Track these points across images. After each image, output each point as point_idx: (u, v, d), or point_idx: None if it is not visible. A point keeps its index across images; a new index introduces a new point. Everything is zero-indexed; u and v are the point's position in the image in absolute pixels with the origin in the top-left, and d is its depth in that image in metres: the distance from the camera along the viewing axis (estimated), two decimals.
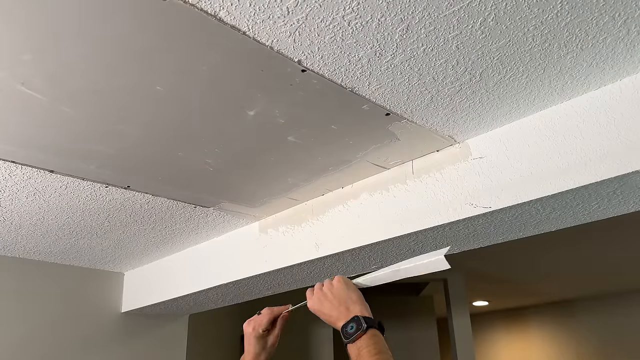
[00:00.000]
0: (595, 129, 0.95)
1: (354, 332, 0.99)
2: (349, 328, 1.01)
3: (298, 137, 1.08)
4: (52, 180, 1.23)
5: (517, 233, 1.21)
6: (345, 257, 1.38)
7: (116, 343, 2.09)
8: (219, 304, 2.03)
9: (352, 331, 1.00)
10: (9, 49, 0.77)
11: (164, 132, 1.04)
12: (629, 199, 1.01)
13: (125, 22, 0.73)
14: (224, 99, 0.93)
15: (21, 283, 1.88)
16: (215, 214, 1.52)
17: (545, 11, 0.74)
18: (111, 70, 0.83)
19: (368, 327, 0.99)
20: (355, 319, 1.02)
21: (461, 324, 3.88)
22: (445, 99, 0.97)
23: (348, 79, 0.89)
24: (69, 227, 1.56)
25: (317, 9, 0.72)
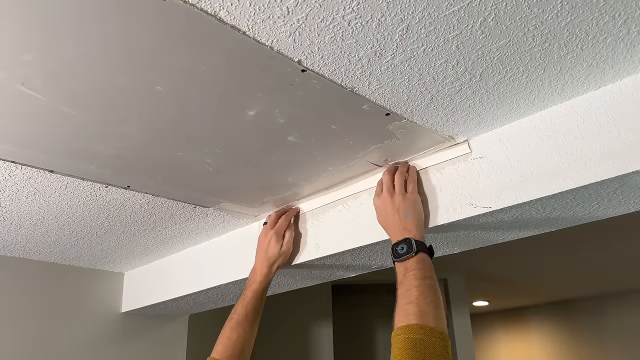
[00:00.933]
0: (595, 129, 0.95)
1: (404, 253, 1.03)
2: (399, 248, 1.04)
3: (298, 137, 1.08)
4: (52, 180, 1.23)
5: (517, 233, 1.21)
6: (345, 257, 1.38)
7: (116, 343, 2.09)
8: (219, 304, 2.04)
9: (403, 252, 1.03)
10: (9, 48, 0.77)
11: (164, 132, 1.04)
12: (629, 199, 1.01)
13: (125, 22, 0.73)
14: (224, 99, 0.93)
15: (21, 283, 1.88)
16: (215, 214, 1.52)
17: (545, 11, 0.74)
18: (111, 70, 0.83)
19: (418, 251, 1.02)
20: (408, 241, 1.04)
21: (461, 324, 3.88)
22: (445, 99, 0.97)
23: (348, 79, 0.89)
24: (69, 227, 1.56)
25: (317, 9, 0.72)
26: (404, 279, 0.99)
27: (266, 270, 1.35)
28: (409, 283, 0.98)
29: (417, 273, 0.99)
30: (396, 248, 1.05)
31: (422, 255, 1.03)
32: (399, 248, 1.04)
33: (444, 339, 0.89)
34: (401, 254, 1.03)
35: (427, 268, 1.01)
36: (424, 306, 0.93)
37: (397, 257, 1.04)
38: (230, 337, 1.28)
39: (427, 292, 0.95)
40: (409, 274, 0.99)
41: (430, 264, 1.03)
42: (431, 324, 0.90)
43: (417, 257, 1.01)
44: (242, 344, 1.28)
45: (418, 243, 1.04)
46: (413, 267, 1.00)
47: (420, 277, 0.98)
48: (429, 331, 0.89)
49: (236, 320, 1.30)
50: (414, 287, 0.96)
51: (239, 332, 1.28)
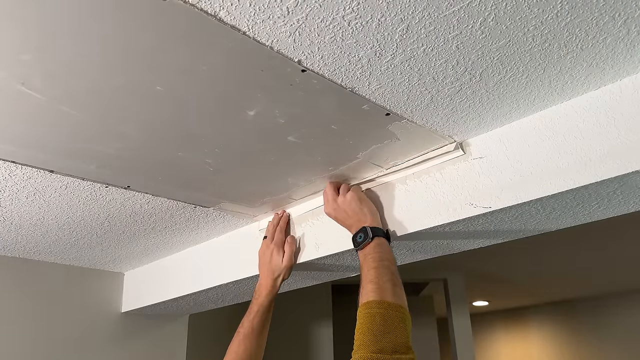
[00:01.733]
0: (595, 129, 0.95)
1: (362, 240, 1.12)
2: (358, 237, 1.13)
3: (298, 137, 1.08)
4: (52, 180, 1.23)
5: (517, 233, 1.21)
6: (345, 257, 1.38)
7: (116, 343, 2.09)
8: (219, 304, 2.04)
9: (361, 240, 1.12)
10: (9, 48, 0.77)
11: (164, 132, 1.04)
12: (629, 199, 1.01)
13: (124, 22, 0.73)
14: (224, 99, 0.93)
15: (21, 283, 1.88)
16: (215, 214, 1.52)
17: (545, 11, 0.74)
18: (111, 70, 0.83)
19: (374, 236, 1.10)
20: (364, 229, 1.13)
21: (461, 324, 3.88)
22: (445, 99, 0.97)
23: (348, 79, 0.89)
24: (69, 227, 1.56)
25: (317, 9, 0.72)
26: (363, 263, 1.07)
27: (271, 284, 1.38)
28: (368, 265, 1.05)
29: (375, 256, 1.06)
30: (355, 238, 1.14)
31: (379, 239, 1.10)
32: (357, 237, 1.13)
33: (401, 312, 0.97)
34: (360, 242, 1.11)
35: (384, 251, 1.08)
36: (382, 284, 1.00)
37: (357, 246, 1.12)
38: (238, 350, 1.31)
39: (384, 272, 1.03)
40: (367, 258, 1.07)
41: (387, 247, 1.10)
42: (389, 299, 0.98)
43: (374, 242, 1.09)
44: (250, 357, 1.30)
45: (373, 229, 1.11)
46: (371, 252, 1.08)
47: (377, 260, 1.05)
48: (386, 305, 0.97)
49: (243, 334, 1.33)
50: (372, 269, 1.04)
51: (246, 345, 1.31)
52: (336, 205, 1.23)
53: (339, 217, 1.23)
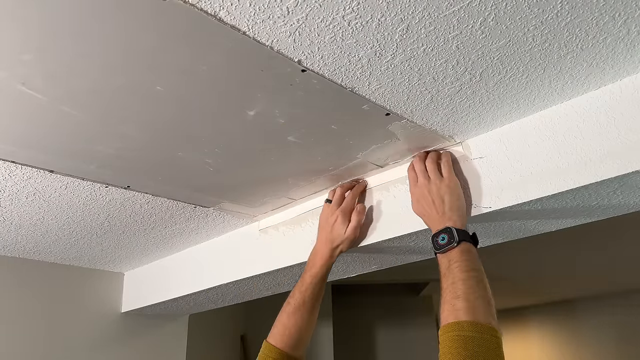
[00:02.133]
0: (595, 129, 0.95)
1: (445, 243, 0.96)
2: (440, 239, 0.98)
3: (298, 137, 1.08)
4: (52, 180, 1.23)
5: (517, 233, 1.21)
6: (345, 257, 1.38)
7: (116, 343, 2.09)
8: (219, 304, 2.04)
9: (444, 242, 0.96)
10: (9, 48, 0.77)
11: (164, 132, 1.04)
12: (629, 199, 1.01)
13: (125, 22, 0.73)
14: (224, 99, 0.93)
15: (21, 283, 1.88)
16: (215, 214, 1.52)
17: (545, 11, 0.74)
18: (111, 70, 0.83)
19: (461, 240, 0.96)
20: (448, 230, 0.98)
21: None
22: (445, 99, 0.97)
23: (348, 79, 0.89)
24: (69, 227, 1.56)
25: (317, 9, 0.72)
26: (447, 272, 0.93)
27: (328, 254, 1.22)
28: (455, 276, 0.91)
29: (462, 265, 0.92)
30: (436, 239, 0.98)
31: (466, 245, 0.96)
32: (439, 239, 0.98)
33: (496, 336, 0.84)
34: (442, 245, 0.96)
35: (472, 259, 0.94)
36: (473, 301, 0.87)
37: (438, 249, 0.97)
38: (287, 324, 1.18)
39: (475, 286, 0.89)
40: (453, 266, 0.93)
41: (475, 254, 0.96)
42: (482, 320, 0.84)
43: (461, 247, 0.95)
44: (299, 332, 1.17)
45: (460, 232, 0.97)
46: (457, 259, 0.93)
47: (466, 270, 0.91)
48: (480, 328, 0.83)
49: (293, 306, 1.19)
50: (459, 280, 0.90)
51: (296, 319, 1.18)
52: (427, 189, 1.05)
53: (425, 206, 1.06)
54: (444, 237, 0.97)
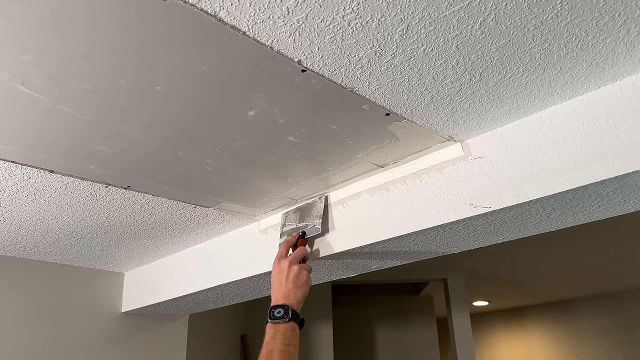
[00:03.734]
0: (595, 129, 0.95)
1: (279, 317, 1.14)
2: (276, 312, 1.15)
3: (298, 137, 1.08)
4: (52, 180, 1.23)
5: (517, 233, 1.21)
6: (345, 257, 1.38)
7: (116, 343, 2.09)
8: (219, 304, 2.04)
9: (279, 315, 1.14)
10: (9, 49, 0.77)
11: (164, 132, 1.04)
12: (629, 199, 1.01)
13: (125, 22, 0.73)
14: (224, 99, 0.93)
15: (21, 283, 1.88)
16: (215, 214, 1.52)
17: (545, 11, 0.74)
18: (111, 70, 0.83)
19: (291, 319, 1.13)
20: (286, 307, 1.15)
21: (461, 324, 3.88)
22: (445, 99, 0.97)
23: (348, 79, 0.89)
24: (69, 227, 1.56)
25: (317, 9, 0.72)
26: (271, 340, 1.09)
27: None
28: (274, 345, 1.08)
29: (284, 339, 1.09)
30: (273, 311, 1.15)
31: (294, 324, 1.13)
32: (276, 312, 1.14)
33: None
34: (277, 317, 1.13)
35: (294, 337, 1.11)
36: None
37: (271, 319, 1.13)
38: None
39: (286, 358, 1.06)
40: (277, 337, 1.09)
41: (297, 334, 1.13)
42: None
43: (289, 325, 1.12)
44: None
45: (294, 312, 1.14)
46: (282, 332, 1.10)
47: (285, 343, 1.08)
48: None
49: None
50: (277, 351, 1.06)
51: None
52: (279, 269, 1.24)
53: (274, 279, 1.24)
54: (280, 311, 1.14)
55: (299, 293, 1.19)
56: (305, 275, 1.22)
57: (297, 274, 1.21)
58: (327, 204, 1.40)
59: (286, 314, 1.13)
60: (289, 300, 1.17)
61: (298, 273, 1.21)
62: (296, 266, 1.23)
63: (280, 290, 1.20)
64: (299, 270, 1.22)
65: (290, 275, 1.21)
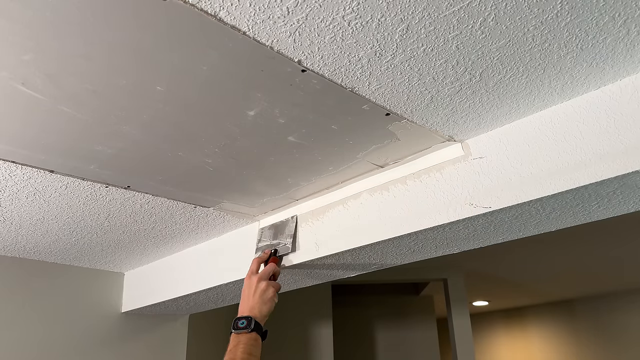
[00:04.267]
0: (595, 129, 0.95)
1: (243, 327, 1.20)
2: (240, 323, 1.21)
3: (298, 137, 1.08)
4: (52, 180, 1.23)
5: (517, 233, 1.21)
6: (345, 257, 1.38)
7: (116, 343, 2.09)
8: (219, 304, 2.04)
9: (242, 326, 1.20)
10: (9, 49, 0.77)
11: (164, 132, 1.04)
12: (629, 199, 1.01)
13: (125, 22, 0.73)
14: (224, 98, 0.93)
15: (21, 283, 1.88)
16: (215, 214, 1.52)
17: (545, 11, 0.74)
18: (111, 70, 0.83)
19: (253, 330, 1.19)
20: (249, 319, 1.21)
21: (461, 324, 3.88)
22: (445, 99, 0.97)
23: (348, 79, 0.89)
24: (69, 227, 1.56)
25: (317, 9, 0.72)
26: (233, 348, 1.15)
27: None
28: (236, 353, 1.13)
29: (246, 348, 1.14)
30: (237, 322, 1.21)
31: (256, 335, 1.19)
32: (239, 322, 1.21)
33: None
34: (240, 327, 1.19)
35: (255, 346, 1.17)
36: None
37: (235, 329, 1.19)
38: None
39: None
40: (239, 346, 1.15)
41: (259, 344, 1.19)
42: None
43: (251, 335, 1.18)
44: None
45: (257, 324, 1.20)
46: (244, 342, 1.16)
47: (247, 352, 1.14)
48: None
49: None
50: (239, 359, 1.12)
51: None
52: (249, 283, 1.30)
53: (245, 292, 1.30)
54: (243, 322, 1.20)
55: (264, 308, 1.25)
56: (271, 292, 1.28)
57: (264, 290, 1.27)
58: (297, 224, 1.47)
59: (249, 324, 1.19)
60: (254, 312, 1.23)
61: (265, 289, 1.27)
62: (264, 282, 1.28)
63: (247, 304, 1.26)
64: (267, 287, 1.28)
65: (257, 290, 1.27)
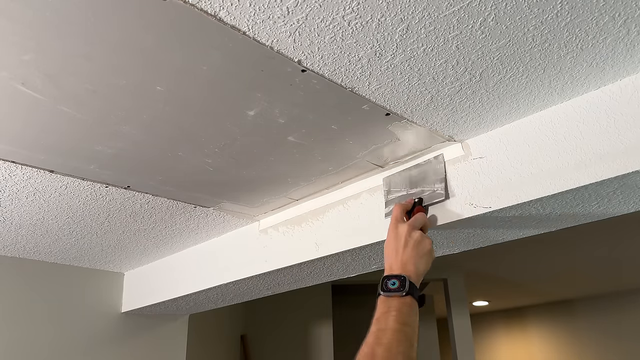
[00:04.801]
0: (595, 129, 0.95)
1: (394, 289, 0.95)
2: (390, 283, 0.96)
3: (298, 137, 1.08)
4: (52, 180, 1.23)
5: (517, 233, 1.21)
6: (345, 257, 1.38)
7: (116, 343, 2.09)
8: (219, 304, 2.04)
9: (394, 287, 0.95)
10: (9, 49, 0.77)
11: (164, 132, 1.04)
12: (629, 199, 1.01)
13: (125, 21, 0.73)
14: (224, 98, 0.93)
15: (21, 283, 1.88)
16: (215, 214, 1.52)
17: (545, 11, 0.74)
18: (111, 70, 0.83)
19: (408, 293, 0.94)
20: (402, 278, 0.96)
21: (461, 324, 3.88)
22: (445, 99, 0.97)
23: (348, 79, 0.89)
24: (69, 227, 1.56)
25: (317, 9, 0.72)
26: (382, 316, 0.91)
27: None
28: (387, 323, 0.90)
29: (399, 316, 0.90)
30: (387, 281, 0.97)
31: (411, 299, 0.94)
32: (390, 282, 0.96)
33: None
34: (391, 289, 0.95)
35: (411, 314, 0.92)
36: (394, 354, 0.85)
37: (385, 291, 0.96)
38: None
39: (402, 341, 0.87)
40: (390, 313, 0.91)
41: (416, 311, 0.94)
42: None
43: (405, 299, 0.93)
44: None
45: (412, 285, 0.95)
46: (396, 308, 0.92)
47: (401, 322, 0.90)
48: None
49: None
50: (390, 330, 0.88)
51: None
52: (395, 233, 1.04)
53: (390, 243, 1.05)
54: (394, 282, 0.96)
55: (420, 264, 0.99)
56: (428, 244, 1.02)
57: (419, 241, 1.01)
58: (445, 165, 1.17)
59: (402, 286, 0.94)
60: (407, 270, 0.97)
61: (420, 240, 1.01)
62: (418, 232, 1.02)
63: (397, 258, 0.99)
64: (421, 238, 1.02)
65: (410, 241, 1.01)
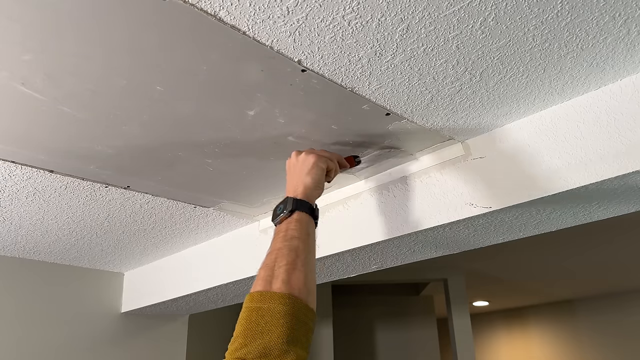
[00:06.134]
0: (595, 129, 0.95)
1: (279, 213, 0.90)
2: (278, 209, 0.91)
3: (298, 137, 1.08)
4: (52, 180, 1.23)
5: (517, 233, 1.21)
6: (345, 257, 1.38)
7: (116, 343, 2.09)
8: (219, 304, 2.04)
9: (279, 212, 0.90)
10: (9, 48, 0.77)
11: (164, 132, 1.04)
12: (629, 199, 1.01)
13: (125, 21, 0.73)
14: (224, 98, 0.93)
15: (21, 283, 1.88)
16: (215, 214, 1.52)
17: (545, 11, 0.74)
18: (111, 70, 0.83)
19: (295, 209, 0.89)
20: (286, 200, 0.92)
21: (461, 324, 3.88)
22: (446, 99, 0.97)
23: (348, 79, 0.89)
24: (69, 227, 1.56)
25: (317, 9, 0.72)
26: (271, 244, 0.86)
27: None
28: (274, 245, 0.85)
29: (286, 234, 0.85)
30: (275, 210, 0.92)
31: (300, 214, 0.88)
32: (277, 209, 0.92)
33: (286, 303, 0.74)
34: (277, 214, 0.90)
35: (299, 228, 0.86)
36: (275, 270, 0.79)
37: (273, 219, 0.92)
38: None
39: (285, 254, 0.81)
40: (278, 237, 0.86)
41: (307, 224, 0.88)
42: (276, 288, 0.76)
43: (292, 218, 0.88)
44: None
45: (297, 202, 0.90)
46: (283, 229, 0.87)
47: (287, 239, 0.84)
48: (269, 297, 0.75)
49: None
50: (275, 250, 0.83)
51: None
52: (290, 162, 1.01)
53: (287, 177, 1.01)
54: (280, 207, 0.91)
55: (307, 179, 0.94)
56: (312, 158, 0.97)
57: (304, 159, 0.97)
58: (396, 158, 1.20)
59: (284, 206, 0.90)
60: (295, 191, 0.94)
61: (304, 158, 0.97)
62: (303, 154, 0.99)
63: (288, 186, 0.97)
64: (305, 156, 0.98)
65: (297, 164, 0.98)
